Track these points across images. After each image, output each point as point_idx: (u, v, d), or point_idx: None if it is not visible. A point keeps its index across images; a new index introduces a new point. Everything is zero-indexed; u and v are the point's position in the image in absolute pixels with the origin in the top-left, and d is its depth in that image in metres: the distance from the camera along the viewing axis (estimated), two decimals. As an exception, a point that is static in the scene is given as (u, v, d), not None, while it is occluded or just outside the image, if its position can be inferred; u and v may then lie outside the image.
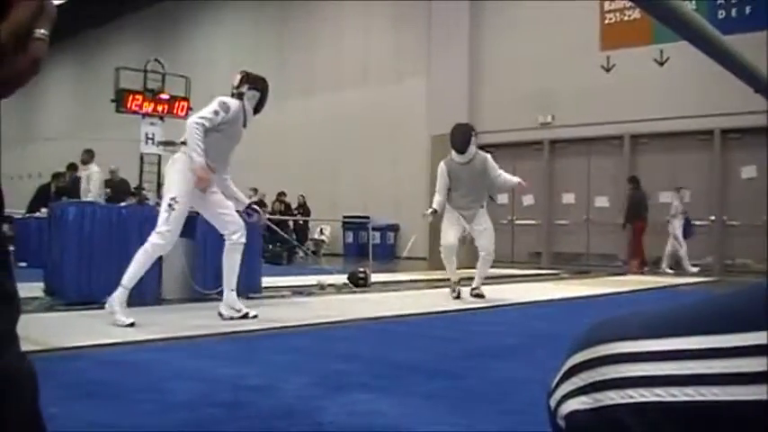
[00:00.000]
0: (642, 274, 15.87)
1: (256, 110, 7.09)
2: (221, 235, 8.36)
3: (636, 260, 16.72)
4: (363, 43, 23.20)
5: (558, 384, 0.85)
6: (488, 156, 9.31)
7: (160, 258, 8.05)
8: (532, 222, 19.62)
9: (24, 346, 3.28)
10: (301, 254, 21.62)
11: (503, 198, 20.16)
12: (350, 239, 22.07)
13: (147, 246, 6.33)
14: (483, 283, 9.29)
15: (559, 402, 0.84)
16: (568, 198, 19.15)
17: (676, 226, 15.45)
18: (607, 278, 14.32)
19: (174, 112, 8.81)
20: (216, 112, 6.44)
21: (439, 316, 7.66)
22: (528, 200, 19.70)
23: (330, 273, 11.23)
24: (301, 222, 22.25)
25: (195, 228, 8.37)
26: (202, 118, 6.36)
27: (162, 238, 6.31)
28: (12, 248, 14.83)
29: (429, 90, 20.93)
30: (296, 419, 3.32)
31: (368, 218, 20.17)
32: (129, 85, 8.65)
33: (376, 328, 6.63)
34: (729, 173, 16.80)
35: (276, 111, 24.51)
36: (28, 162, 34.12)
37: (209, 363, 4.62)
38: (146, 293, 7.84)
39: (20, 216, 15.63)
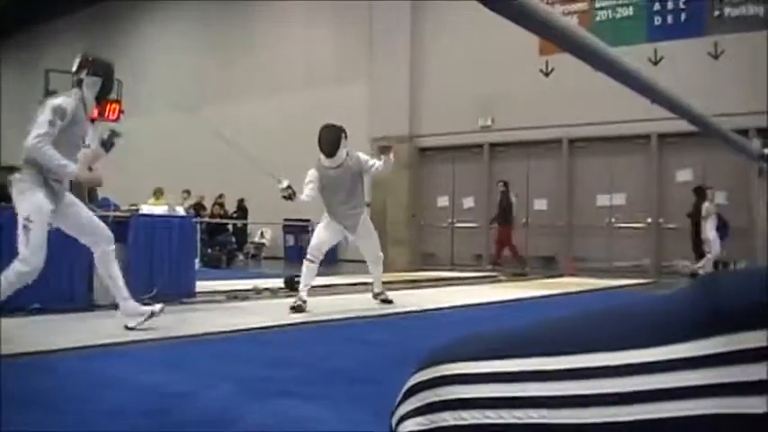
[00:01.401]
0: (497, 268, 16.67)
1: (100, 98, 6.45)
2: (153, 238, 8.30)
3: (513, 257, 17.44)
4: (305, 46, 23.11)
5: (399, 403, 0.84)
6: (359, 154, 8.69)
7: (91, 263, 7.96)
8: (473, 225, 19.71)
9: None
10: (241, 257, 21.52)
11: (443, 201, 20.32)
12: (291, 242, 21.96)
13: (9, 273, 5.63)
14: (384, 287, 9.07)
15: (398, 422, 0.83)
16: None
17: (708, 228, 15.19)
18: (544, 280, 14.46)
19: (105, 115, 8.68)
20: (51, 123, 5.74)
21: (373, 320, 7.66)
22: (468, 202, 19.82)
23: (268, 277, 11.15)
24: (240, 225, 22.12)
25: (128, 231, 8.28)
26: (40, 136, 5.68)
27: (26, 265, 5.67)
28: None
29: (370, 93, 20.94)
30: (220, 426, 3.30)
31: (309, 221, 20.12)
32: (60, 87, 8.49)
33: (305, 333, 6.61)
34: (665, 176, 17.05)
35: (218, 113, 24.41)
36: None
37: (134, 370, 4.56)
38: (76, 299, 7.73)
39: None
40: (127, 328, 6.13)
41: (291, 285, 10.40)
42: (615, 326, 0.74)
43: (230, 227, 21.52)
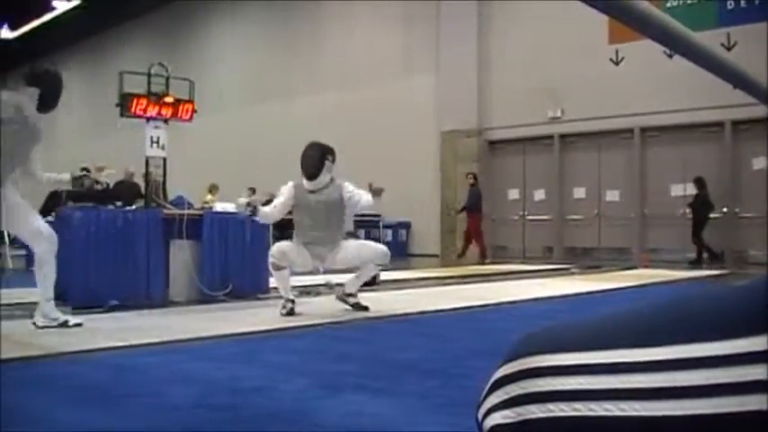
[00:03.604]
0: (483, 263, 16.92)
1: (44, 108, 6.35)
2: (226, 235, 8.43)
3: (478, 249, 18.06)
4: (372, 40, 23.15)
5: (485, 397, 0.84)
6: (345, 183, 7.67)
7: (167, 261, 8.14)
8: (544, 217, 19.56)
9: (29, 352, 3.33)
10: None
11: (514, 194, 20.21)
12: (361, 238, 22.03)
13: None
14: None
15: (485, 415, 0.83)
16: (579, 192, 19.08)
17: None
18: (618, 272, 14.27)
19: (179, 115, 8.82)
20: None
21: (446, 314, 7.64)
22: (539, 195, 19.67)
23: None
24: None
25: (201, 229, 8.42)
26: None
27: None
28: (23, 252, 14.94)
29: (438, 86, 20.92)
30: (293, 422, 3.33)
31: (379, 216, 20.19)
32: (133, 89, 8.66)
33: (378, 327, 6.63)
34: (740, 164, 16.70)
35: (285, 109, 24.65)
36: (44, 165, 34.22)
37: (209, 365, 4.63)
38: (153, 296, 7.90)
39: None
40: (34, 324, 6.09)
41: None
42: (698, 316, 0.73)
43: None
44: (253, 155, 24.48)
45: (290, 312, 7.15)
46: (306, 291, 9.53)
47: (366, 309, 7.47)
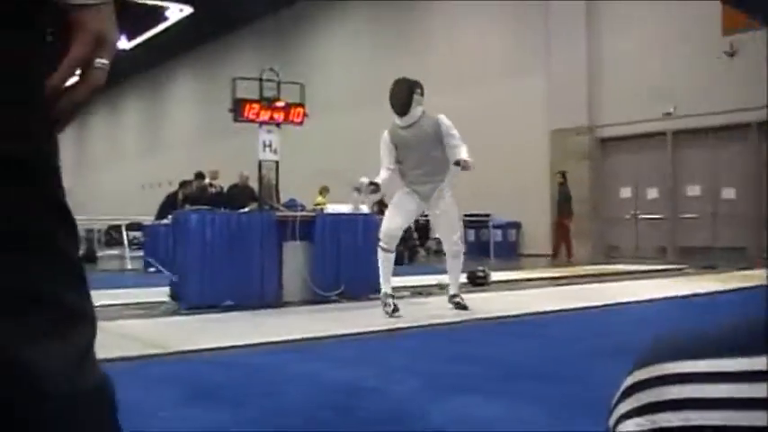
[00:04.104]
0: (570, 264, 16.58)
1: None
2: (338, 236, 8.53)
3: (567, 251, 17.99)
4: (481, 41, 23.07)
5: (617, 403, 0.82)
6: (442, 117, 7.38)
7: (281, 262, 8.27)
8: (657, 216, 19.13)
9: (147, 350, 3.44)
10: (423, 253, 21.69)
11: (626, 192, 19.82)
12: (471, 238, 21.95)
13: None
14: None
15: (617, 422, 0.82)
16: (693, 190, 18.59)
17: None
18: (735, 273, 13.83)
19: (290, 119, 8.97)
20: None
21: (559, 315, 7.54)
22: (652, 193, 19.25)
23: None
24: (422, 221, 22.29)
25: (314, 231, 8.53)
26: None
27: None
28: (141, 253, 15.41)
29: (548, 85, 20.71)
30: (408, 423, 3.34)
31: (489, 215, 20.13)
32: (245, 94, 8.85)
33: (491, 328, 6.59)
34: None
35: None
36: (158, 170, 35.33)
37: (324, 365, 4.68)
38: (267, 296, 8.04)
39: (149, 223, 16.27)
40: None
41: (474, 280, 10.44)
42: None
43: (413, 223, 21.70)
44: (362, 157, 24.65)
45: (395, 309, 7.01)
46: (418, 291, 9.56)
47: (465, 308, 7.38)
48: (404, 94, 7.27)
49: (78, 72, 0.96)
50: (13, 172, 0.87)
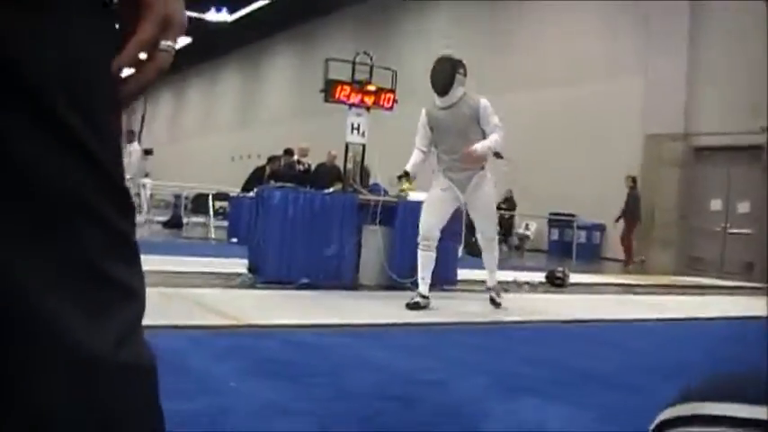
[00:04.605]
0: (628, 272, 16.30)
1: None
2: (418, 224, 8.50)
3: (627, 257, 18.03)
4: (574, 41, 22.70)
5: None
6: (483, 101, 6.92)
7: (360, 245, 8.30)
8: (747, 231, 18.61)
9: (220, 320, 3.48)
10: (505, 248, 21.57)
11: (716, 204, 19.33)
12: (555, 237, 21.75)
13: None
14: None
15: None
16: (789, 207, 18.00)
17: None
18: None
19: (380, 103, 8.97)
20: None
21: (633, 324, 7.41)
22: (743, 207, 18.71)
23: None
24: (507, 216, 22.17)
25: (395, 216, 8.53)
26: None
27: None
28: (225, 224, 15.66)
29: (645, 89, 20.28)
30: (467, 420, 3.33)
31: (574, 216, 19.89)
32: (338, 76, 8.88)
33: (563, 331, 6.50)
34: None
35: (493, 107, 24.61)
36: (248, 143, 35.82)
37: (390, 353, 4.68)
38: (344, 278, 8.08)
39: (234, 195, 16.52)
40: None
41: (553, 280, 10.33)
42: None
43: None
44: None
45: (416, 306, 6.65)
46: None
47: (499, 305, 7.15)
48: (446, 73, 6.85)
49: (144, 54, 0.96)
50: (73, 150, 0.88)
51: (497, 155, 7.73)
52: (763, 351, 4.89)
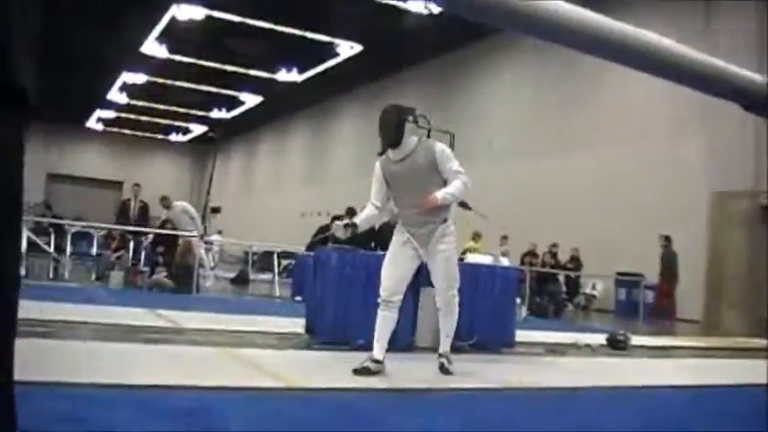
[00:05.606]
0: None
1: None
2: (475, 286, 8.45)
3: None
4: (642, 99, 22.50)
5: None
6: (438, 145, 6.48)
7: (416, 306, 8.28)
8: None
9: (271, 383, 3.51)
10: (571, 308, 21.31)
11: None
12: (622, 296, 21.40)
13: None
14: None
15: None
16: None
17: None
18: None
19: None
20: None
21: (695, 390, 7.17)
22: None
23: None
24: (573, 276, 21.92)
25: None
26: None
27: None
28: (290, 281, 15.80)
29: (711, 144, 19.94)
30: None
31: (641, 276, 19.55)
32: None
33: (614, 399, 6.34)
34: None
35: (548, 164, 24.54)
36: (317, 200, 36.17)
37: (435, 420, 4.65)
38: (400, 340, 8.04)
39: (298, 252, 16.70)
40: None
41: (614, 344, 10.14)
42: None
43: (562, 277, 21.40)
44: (517, 207, 24.54)
45: (364, 371, 5.98)
46: (551, 349, 9.38)
47: (449, 373, 6.32)
48: (394, 123, 6.33)
49: None
50: None
51: (464, 205, 7.45)
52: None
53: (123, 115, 47.17)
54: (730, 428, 5.19)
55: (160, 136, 54.28)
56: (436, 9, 21.99)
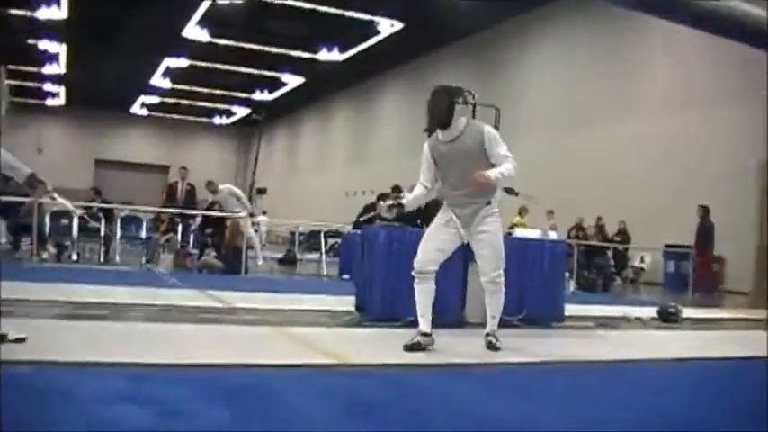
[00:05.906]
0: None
1: None
2: (524, 260, 8.43)
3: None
4: (686, 68, 22.19)
5: None
6: (488, 128, 6.40)
7: (465, 282, 8.30)
8: None
9: (322, 359, 3.58)
10: (619, 281, 21.19)
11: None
12: (671, 269, 21.17)
13: None
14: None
15: None
16: None
17: None
18: None
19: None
20: None
21: (743, 362, 7.03)
22: None
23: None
24: (621, 249, 21.77)
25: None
26: None
27: None
28: (337, 260, 15.92)
29: (757, 113, 19.64)
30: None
31: (690, 247, 19.35)
32: (442, 113, 8.92)
33: (666, 371, 6.32)
34: None
35: (592, 136, 24.34)
36: (362, 179, 36.19)
37: (490, 395, 4.67)
38: (449, 315, 8.08)
39: (345, 231, 16.76)
40: None
41: (665, 316, 10.08)
42: None
43: (610, 250, 21.26)
44: (562, 181, 24.38)
45: (415, 346, 6.02)
46: (601, 323, 9.35)
47: (497, 349, 6.30)
48: (444, 104, 6.30)
49: None
50: None
51: (510, 190, 7.57)
52: None
53: (167, 100, 47.62)
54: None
55: (204, 119, 54.66)
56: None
